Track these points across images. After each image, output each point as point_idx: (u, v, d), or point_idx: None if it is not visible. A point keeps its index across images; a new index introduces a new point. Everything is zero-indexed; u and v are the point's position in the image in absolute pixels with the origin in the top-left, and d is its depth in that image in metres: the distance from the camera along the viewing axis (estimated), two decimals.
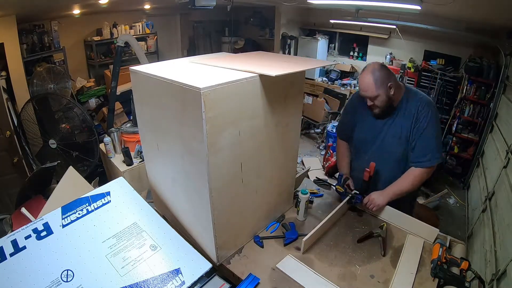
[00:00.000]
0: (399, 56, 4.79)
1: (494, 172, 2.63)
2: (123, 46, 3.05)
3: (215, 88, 0.97)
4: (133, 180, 2.26)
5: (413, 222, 1.43)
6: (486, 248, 2.16)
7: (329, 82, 5.47)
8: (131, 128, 2.66)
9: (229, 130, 1.07)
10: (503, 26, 2.96)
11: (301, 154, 4.44)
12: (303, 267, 1.23)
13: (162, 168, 1.41)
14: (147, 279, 1.02)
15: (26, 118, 3.01)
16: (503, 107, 3.09)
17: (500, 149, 2.67)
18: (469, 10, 2.50)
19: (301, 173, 1.81)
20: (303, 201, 1.46)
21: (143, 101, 1.34)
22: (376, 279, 1.17)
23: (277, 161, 1.37)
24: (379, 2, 2.85)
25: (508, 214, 1.99)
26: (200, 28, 6.42)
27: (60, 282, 0.95)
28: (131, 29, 4.91)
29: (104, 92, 4.51)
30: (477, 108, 3.75)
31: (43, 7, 3.22)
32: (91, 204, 1.19)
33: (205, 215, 1.15)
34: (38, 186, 1.57)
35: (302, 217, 1.51)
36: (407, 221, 1.45)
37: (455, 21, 3.41)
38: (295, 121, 1.40)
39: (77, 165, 2.89)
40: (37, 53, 3.65)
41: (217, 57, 1.50)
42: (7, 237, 1.02)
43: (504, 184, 2.23)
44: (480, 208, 2.68)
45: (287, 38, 5.65)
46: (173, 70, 1.24)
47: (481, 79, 3.60)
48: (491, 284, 1.78)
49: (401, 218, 1.47)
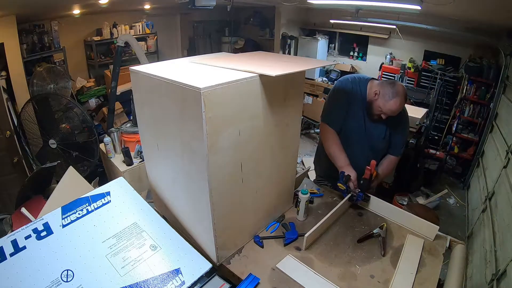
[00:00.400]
0: (399, 56, 4.79)
1: (494, 172, 2.63)
2: (123, 46, 3.05)
3: (215, 88, 0.97)
4: (133, 180, 2.26)
5: (413, 219, 1.44)
6: (486, 248, 2.16)
7: (329, 82, 5.47)
8: (131, 128, 2.66)
9: (229, 130, 1.07)
10: (503, 26, 2.96)
11: (301, 154, 4.44)
12: (303, 267, 1.23)
13: (162, 168, 1.41)
14: (147, 279, 1.02)
15: (26, 118, 3.01)
16: (503, 107, 3.09)
17: (500, 149, 2.67)
18: (469, 10, 2.50)
19: (301, 173, 1.81)
20: (303, 201, 1.46)
21: (143, 101, 1.34)
22: (376, 279, 1.17)
23: (277, 161, 1.37)
24: (379, 2, 2.86)
25: (508, 214, 1.99)
26: (200, 28, 6.41)
27: (60, 282, 0.95)
28: (131, 29, 4.91)
29: (104, 92, 4.51)
30: (477, 108, 3.75)
31: (43, 7, 3.22)
32: (91, 204, 1.19)
33: (205, 215, 1.15)
34: (38, 186, 1.57)
35: (302, 217, 1.51)
36: (407, 219, 1.46)
37: (455, 21, 3.41)
38: (295, 121, 1.40)
39: (77, 165, 2.89)
40: (37, 53, 3.65)
41: (217, 57, 1.50)
42: (7, 237, 1.02)
43: (504, 184, 2.24)
44: (480, 208, 2.68)
45: (287, 38, 5.65)
46: (173, 70, 1.24)
47: (481, 79, 3.60)
48: (491, 284, 1.78)
49: (401, 216, 1.48)
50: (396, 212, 1.50)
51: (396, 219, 1.49)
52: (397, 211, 1.50)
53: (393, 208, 1.52)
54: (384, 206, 1.54)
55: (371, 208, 1.57)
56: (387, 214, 1.52)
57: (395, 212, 1.50)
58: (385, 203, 1.54)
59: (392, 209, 1.52)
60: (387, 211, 1.53)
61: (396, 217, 1.50)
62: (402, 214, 1.48)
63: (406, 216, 1.47)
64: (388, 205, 1.53)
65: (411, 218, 1.45)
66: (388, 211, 1.52)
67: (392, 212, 1.51)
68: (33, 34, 3.63)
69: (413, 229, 1.43)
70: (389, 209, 1.52)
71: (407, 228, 1.45)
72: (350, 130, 1.67)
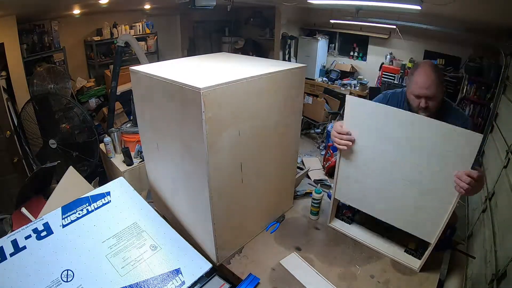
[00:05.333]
0: (399, 56, 4.79)
1: (494, 172, 2.63)
2: (123, 46, 3.05)
3: (215, 88, 0.97)
4: (133, 180, 2.26)
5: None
6: (486, 248, 2.16)
7: (329, 82, 5.47)
8: (131, 128, 2.66)
9: (229, 130, 1.07)
10: (503, 26, 2.96)
11: (301, 154, 4.43)
12: (306, 265, 1.23)
13: (162, 168, 1.41)
14: (147, 279, 1.02)
15: (26, 118, 3.01)
16: (503, 107, 3.09)
17: (500, 149, 2.66)
18: (469, 10, 2.50)
19: (301, 173, 1.81)
20: (320, 200, 1.47)
21: (143, 101, 1.34)
22: (376, 279, 1.17)
23: (277, 161, 1.37)
24: (379, 2, 2.85)
25: (508, 214, 1.99)
26: (200, 28, 6.41)
27: (60, 282, 0.96)
28: (131, 29, 4.91)
29: (104, 92, 4.51)
30: (477, 108, 3.75)
31: (43, 7, 3.22)
32: (91, 204, 1.19)
33: (205, 215, 1.15)
34: (38, 186, 1.57)
35: (317, 217, 1.52)
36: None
37: (455, 21, 3.41)
38: (295, 121, 1.40)
39: (77, 165, 2.88)
40: (37, 53, 3.65)
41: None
42: (7, 237, 1.02)
43: (504, 184, 2.23)
44: (480, 208, 2.68)
45: (287, 38, 5.65)
46: (173, 70, 1.24)
47: (481, 79, 3.60)
48: (491, 284, 1.78)
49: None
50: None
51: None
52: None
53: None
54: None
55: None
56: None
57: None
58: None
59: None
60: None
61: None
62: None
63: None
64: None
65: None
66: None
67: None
68: (33, 34, 3.63)
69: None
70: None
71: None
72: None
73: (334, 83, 5.40)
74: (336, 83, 5.38)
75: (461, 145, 0.94)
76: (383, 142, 1.11)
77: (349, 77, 5.43)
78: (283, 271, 1.21)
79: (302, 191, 1.71)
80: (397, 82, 4.69)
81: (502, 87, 3.14)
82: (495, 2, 2.00)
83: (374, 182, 1.20)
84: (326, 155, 4.44)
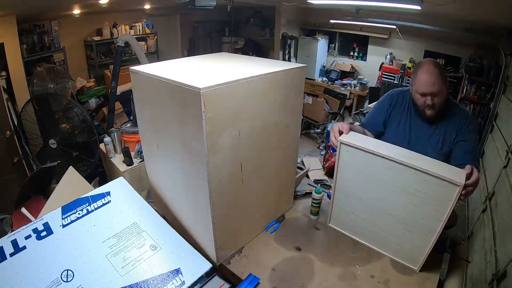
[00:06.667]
0: (399, 56, 4.79)
1: (494, 172, 2.63)
2: (123, 46, 3.05)
3: (215, 88, 0.97)
4: (133, 180, 2.26)
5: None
6: (486, 248, 2.16)
7: (329, 82, 5.48)
8: (131, 128, 2.66)
9: (229, 130, 1.07)
10: (503, 26, 2.96)
11: (301, 154, 4.44)
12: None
13: (162, 168, 1.41)
14: (147, 279, 1.02)
15: (26, 118, 3.01)
16: (503, 107, 3.09)
17: (500, 149, 2.66)
18: (469, 10, 2.50)
19: (301, 173, 1.81)
20: (321, 200, 1.48)
21: (143, 101, 1.34)
22: (376, 279, 1.17)
23: (277, 161, 1.37)
24: (379, 2, 2.86)
25: (508, 214, 1.99)
26: (200, 28, 6.42)
27: (60, 282, 0.95)
28: (131, 29, 4.92)
29: (104, 92, 4.51)
30: (477, 108, 3.75)
31: (43, 7, 3.22)
32: (91, 204, 1.19)
33: (205, 215, 1.15)
34: (38, 186, 1.57)
35: (317, 217, 1.52)
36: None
37: (455, 21, 3.42)
38: (295, 121, 1.40)
39: (77, 165, 2.88)
40: (37, 53, 3.66)
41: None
42: (7, 237, 1.02)
43: (504, 184, 2.23)
44: (480, 208, 2.67)
45: (287, 38, 5.65)
46: (173, 70, 1.24)
47: (481, 79, 3.60)
48: (491, 284, 1.78)
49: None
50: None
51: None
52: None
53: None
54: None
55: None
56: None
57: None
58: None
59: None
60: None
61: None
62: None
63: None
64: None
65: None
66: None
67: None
68: (33, 34, 3.64)
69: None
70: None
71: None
72: (396, 135, 1.43)
73: (334, 83, 5.41)
74: (336, 83, 5.38)
75: (439, 192, 1.05)
76: (372, 184, 1.23)
77: (349, 77, 5.44)
78: (283, 271, 1.21)
79: (302, 191, 1.71)
80: (397, 82, 4.70)
81: (502, 87, 3.15)
82: (495, 2, 2.00)
83: (366, 215, 1.31)
84: (326, 155, 4.45)
